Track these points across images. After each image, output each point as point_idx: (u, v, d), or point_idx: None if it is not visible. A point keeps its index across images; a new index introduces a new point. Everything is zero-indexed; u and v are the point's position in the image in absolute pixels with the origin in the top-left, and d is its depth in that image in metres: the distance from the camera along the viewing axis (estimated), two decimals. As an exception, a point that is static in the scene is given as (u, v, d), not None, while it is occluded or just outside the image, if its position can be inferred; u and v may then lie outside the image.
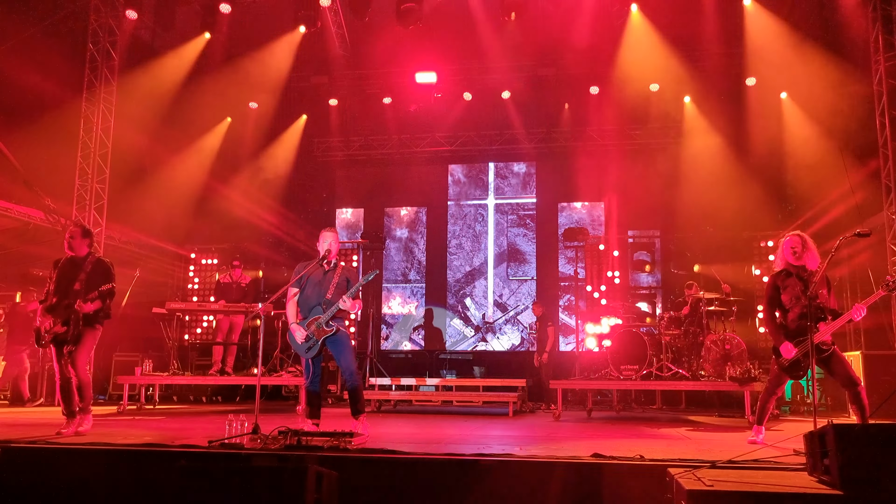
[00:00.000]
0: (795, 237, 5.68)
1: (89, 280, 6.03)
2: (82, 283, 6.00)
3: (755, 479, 3.55)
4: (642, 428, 7.71)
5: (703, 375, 8.97)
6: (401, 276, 15.09)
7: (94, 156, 11.21)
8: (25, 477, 4.60)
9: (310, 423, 5.95)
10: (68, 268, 6.13)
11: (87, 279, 6.03)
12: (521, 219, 14.80)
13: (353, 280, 6.14)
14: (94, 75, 11.26)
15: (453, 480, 4.33)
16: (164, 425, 7.35)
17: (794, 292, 5.55)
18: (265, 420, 5.29)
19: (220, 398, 11.72)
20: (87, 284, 6.00)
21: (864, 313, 5.31)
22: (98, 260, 6.24)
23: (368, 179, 14.94)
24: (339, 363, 6.12)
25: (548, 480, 4.21)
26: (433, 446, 5.27)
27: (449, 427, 7.64)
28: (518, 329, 14.35)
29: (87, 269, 6.09)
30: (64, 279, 6.06)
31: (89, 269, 6.10)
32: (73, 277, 6.03)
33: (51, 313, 6.02)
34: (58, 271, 6.14)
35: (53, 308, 6.02)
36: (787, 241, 5.69)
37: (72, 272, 6.08)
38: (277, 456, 4.52)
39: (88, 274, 6.06)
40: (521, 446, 5.35)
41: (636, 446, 5.24)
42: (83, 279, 6.02)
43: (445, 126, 14.12)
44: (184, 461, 4.17)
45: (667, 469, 3.89)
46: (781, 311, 5.65)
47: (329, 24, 11.83)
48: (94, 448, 4.85)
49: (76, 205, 11.07)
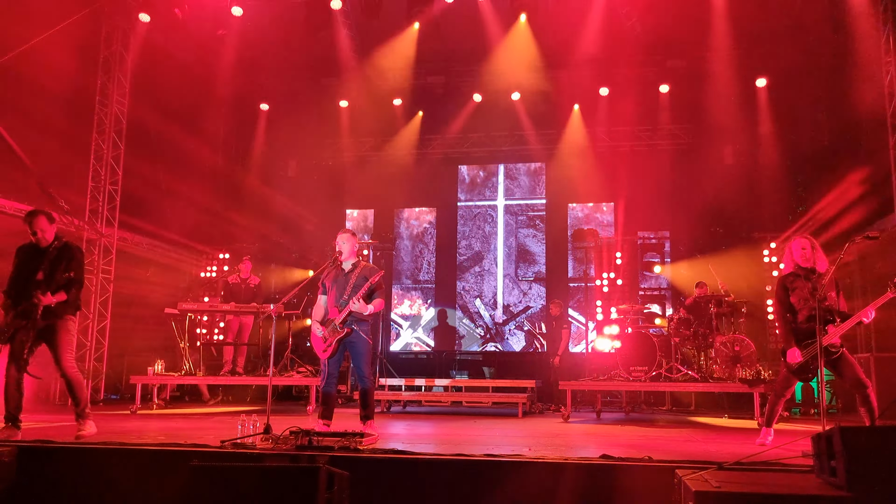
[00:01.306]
0: (804, 239, 5.70)
1: (52, 269, 5.56)
2: (45, 273, 5.53)
3: (762, 481, 3.57)
4: (651, 429, 7.73)
5: (713, 377, 8.97)
6: (411, 276, 15.14)
7: (107, 158, 11.32)
8: (40, 476, 4.67)
9: (321, 423, 6.01)
10: (30, 256, 5.65)
11: (50, 268, 5.56)
12: (530, 220, 14.82)
13: (372, 277, 6.16)
14: (108, 78, 11.38)
15: (463, 481, 4.37)
16: (177, 425, 7.42)
17: (803, 294, 5.57)
18: (276, 420, 5.34)
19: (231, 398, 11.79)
20: (49, 274, 5.54)
21: (874, 315, 5.32)
22: (64, 246, 5.72)
23: (378, 180, 14.99)
24: (354, 366, 6.19)
25: (557, 481, 4.24)
26: (443, 447, 5.31)
27: (459, 428, 7.68)
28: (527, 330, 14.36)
29: (51, 258, 5.60)
30: (25, 269, 5.60)
31: (52, 256, 5.61)
32: (35, 267, 5.55)
33: (14, 305, 5.53)
34: (17, 260, 5.68)
35: (17, 300, 5.52)
36: (796, 243, 5.71)
37: (34, 261, 5.60)
38: (289, 456, 4.57)
39: (52, 262, 5.59)
40: (530, 447, 5.39)
41: (645, 447, 5.27)
42: (46, 268, 5.55)
43: (455, 127, 14.16)
44: (196, 460, 4.22)
45: (674, 470, 3.91)
46: (791, 312, 5.66)
47: (340, 25, 11.89)
48: (108, 447, 4.91)
49: (90, 206, 11.18)
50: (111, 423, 7.22)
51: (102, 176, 11.27)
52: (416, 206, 15.35)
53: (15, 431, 5.37)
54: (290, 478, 3.93)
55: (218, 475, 4.06)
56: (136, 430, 6.54)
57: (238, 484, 3.99)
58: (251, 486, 3.96)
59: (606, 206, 14.39)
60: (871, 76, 9.77)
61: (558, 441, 6.33)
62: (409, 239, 15.29)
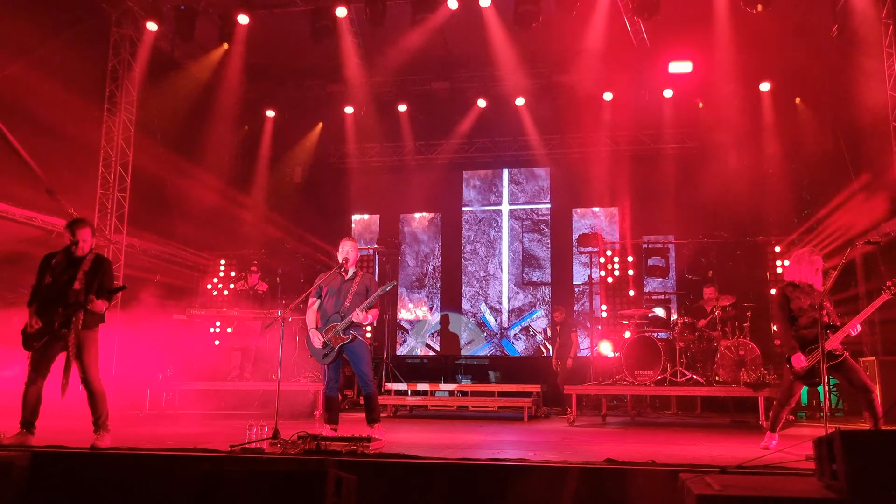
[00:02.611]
0: (820, 259, 5.76)
1: (89, 279, 5.57)
2: (82, 283, 5.53)
3: (765, 484, 3.61)
4: (656, 433, 7.77)
5: (718, 381, 9.00)
6: (416, 281, 15.20)
7: (116, 165, 11.43)
8: (53, 482, 4.74)
9: (328, 428, 6.07)
10: (64, 265, 5.64)
11: (86, 278, 5.56)
12: (535, 224, 14.87)
13: (373, 288, 6.25)
14: (116, 85, 11.50)
15: (469, 485, 4.42)
16: (185, 430, 7.49)
17: (802, 304, 5.64)
18: (283, 425, 5.40)
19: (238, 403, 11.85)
20: (87, 284, 5.54)
21: (860, 329, 5.45)
22: (97, 256, 5.75)
23: (384, 186, 15.07)
24: (356, 371, 6.23)
25: (561, 485, 4.29)
26: (449, 451, 5.37)
27: (464, 432, 7.73)
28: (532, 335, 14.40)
29: (86, 268, 5.60)
30: (61, 277, 5.57)
31: (88, 266, 5.61)
32: (73, 276, 5.54)
33: (46, 313, 5.50)
34: (52, 268, 5.64)
35: (48, 308, 5.51)
36: (813, 261, 5.74)
37: (70, 270, 5.59)
38: (297, 460, 4.63)
39: (87, 272, 5.59)
40: (535, 451, 5.44)
41: (649, 451, 5.31)
42: (82, 278, 5.55)
43: (460, 133, 14.23)
44: (207, 465, 4.28)
45: (678, 474, 3.96)
46: (791, 320, 5.71)
47: (345, 32, 11.98)
48: (119, 453, 4.98)
49: (98, 213, 11.28)
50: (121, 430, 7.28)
51: (111, 183, 11.38)
52: (421, 212, 15.41)
53: (29, 437, 5.42)
54: (298, 482, 3.98)
55: (228, 480, 4.13)
56: (146, 435, 6.61)
57: (248, 488, 4.05)
58: (261, 490, 4.01)
59: (611, 211, 14.42)
60: (875, 79, 9.79)
61: (563, 445, 6.38)
62: (415, 244, 15.35)
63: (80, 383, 5.57)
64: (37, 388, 5.52)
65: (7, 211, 9.80)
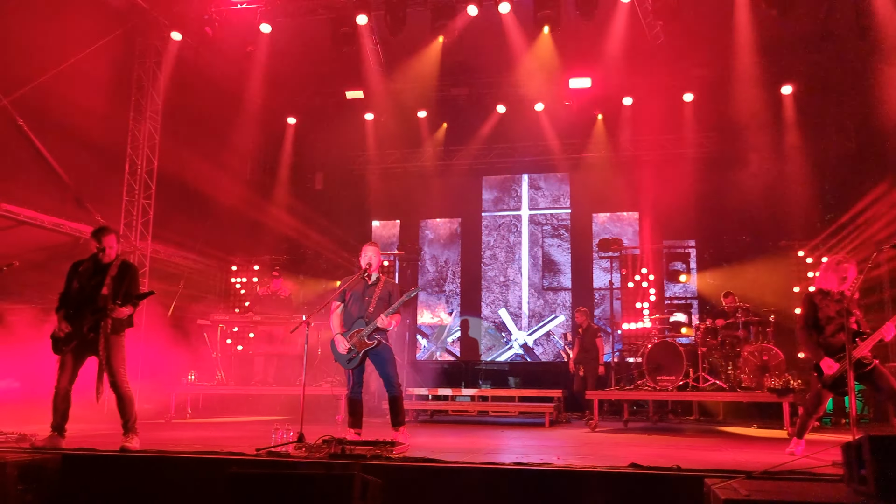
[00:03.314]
0: (851, 267, 5.62)
1: (116, 285, 5.69)
2: (110, 288, 5.66)
3: (792, 490, 3.59)
4: (679, 438, 7.74)
5: (741, 386, 8.94)
6: (436, 286, 15.24)
7: (141, 172, 11.60)
8: (83, 484, 4.82)
9: (351, 432, 6.11)
10: (92, 271, 5.76)
11: (113, 283, 5.69)
12: (555, 229, 14.86)
13: (395, 293, 6.29)
14: (141, 95, 11.69)
15: (493, 489, 4.44)
16: (211, 434, 7.58)
17: (830, 312, 5.57)
18: (307, 429, 5.45)
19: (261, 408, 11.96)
20: (114, 290, 5.66)
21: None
22: (123, 262, 5.89)
23: (404, 192, 15.13)
24: (381, 375, 6.26)
25: (586, 490, 4.29)
26: (472, 455, 5.39)
27: (486, 437, 7.75)
28: (553, 340, 14.39)
29: (113, 273, 5.72)
30: (89, 283, 5.70)
31: (115, 272, 5.74)
32: (100, 281, 5.67)
33: (74, 318, 5.64)
34: (80, 274, 5.77)
35: (77, 313, 5.64)
36: (840, 268, 5.61)
37: (97, 276, 5.72)
38: (323, 464, 4.67)
39: (114, 278, 5.71)
40: (558, 456, 5.45)
41: (673, 457, 5.30)
42: (109, 283, 5.68)
43: (479, 138, 14.28)
44: (235, 468, 4.34)
45: (703, 479, 3.95)
46: (817, 329, 5.64)
47: (365, 40, 12.08)
48: (148, 455, 5.06)
49: (124, 220, 11.45)
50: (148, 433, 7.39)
51: (136, 190, 11.55)
52: (441, 217, 15.46)
53: (60, 440, 5.52)
54: (325, 485, 4.02)
55: (255, 483, 4.18)
56: (172, 439, 6.70)
57: (274, 491, 4.10)
58: (287, 493, 4.06)
59: (632, 216, 14.38)
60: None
61: (586, 450, 6.38)
62: (434, 249, 15.39)
63: (109, 387, 5.68)
64: (66, 392, 5.64)
65: (35, 218, 9.98)
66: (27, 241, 10.24)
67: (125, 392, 5.71)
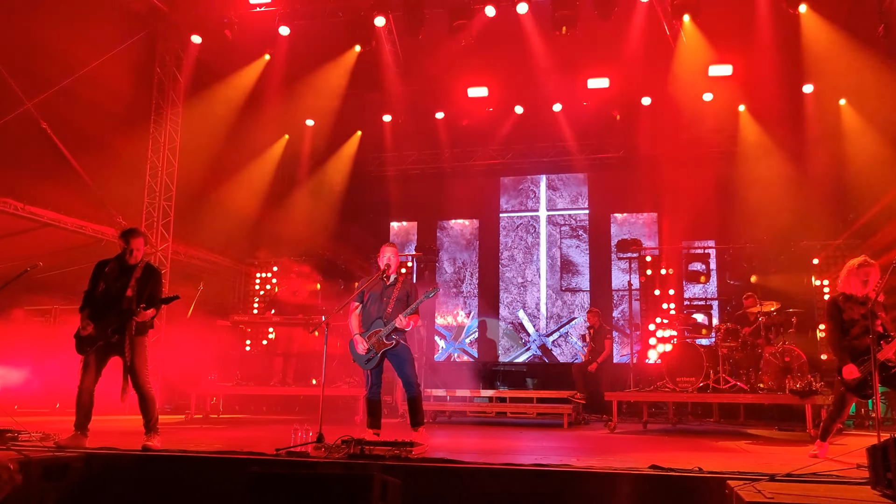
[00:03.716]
0: (873, 269, 5.56)
1: (140, 287, 5.74)
2: (134, 290, 5.70)
3: (816, 493, 3.55)
4: (699, 440, 7.67)
5: (762, 388, 8.84)
6: (454, 288, 15.24)
7: (162, 174, 11.71)
8: (106, 483, 4.87)
9: (370, 432, 6.12)
10: (118, 272, 5.81)
11: (137, 285, 5.73)
12: (573, 230, 14.81)
13: (413, 293, 6.29)
14: (162, 98, 11.82)
15: (512, 490, 4.42)
16: (231, 434, 7.63)
17: (854, 315, 5.51)
18: (326, 429, 5.46)
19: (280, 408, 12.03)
20: (139, 292, 5.72)
21: None
22: (148, 266, 5.95)
23: (421, 193, 15.14)
24: (400, 375, 6.27)
25: (606, 492, 4.27)
26: (491, 456, 5.37)
27: (505, 438, 7.73)
28: (571, 342, 14.33)
29: (138, 276, 5.77)
30: (114, 285, 5.75)
31: (140, 274, 5.79)
32: (125, 283, 5.72)
33: (99, 319, 5.70)
34: (105, 275, 5.81)
35: (101, 314, 5.70)
36: (861, 271, 5.56)
37: (122, 277, 5.77)
38: (342, 464, 4.68)
39: (139, 280, 5.75)
40: (577, 457, 5.42)
41: (694, 459, 5.24)
42: (134, 285, 5.72)
43: (497, 139, 14.26)
44: (255, 467, 4.36)
45: (726, 482, 3.91)
46: (843, 332, 5.59)
47: (383, 41, 12.10)
48: (169, 455, 5.09)
49: (145, 221, 11.56)
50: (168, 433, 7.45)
51: (156, 192, 11.66)
52: (459, 218, 15.45)
53: (84, 439, 5.59)
54: (345, 486, 4.03)
55: (275, 482, 4.19)
56: (193, 438, 6.74)
57: (294, 491, 4.12)
58: (307, 493, 4.08)
59: (650, 216, 14.29)
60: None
61: (605, 452, 6.34)
62: (452, 250, 15.39)
63: (132, 387, 5.74)
64: (89, 392, 5.71)
65: (58, 220, 10.11)
66: (50, 243, 10.39)
67: (147, 392, 5.77)
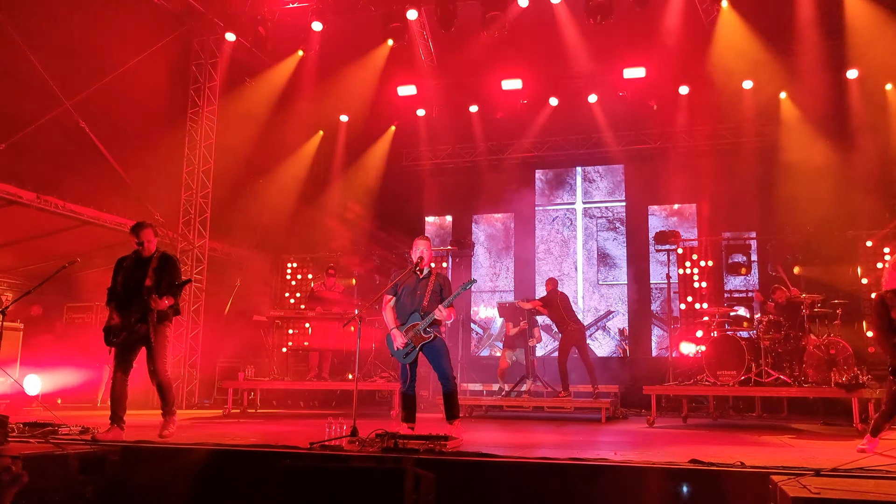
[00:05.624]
0: None
1: (158, 276, 5.95)
2: (152, 280, 5.92)
3: (864, 488, 3.43)
4: (741, 435, 7.50)
5: (806, 381, 8.61)
6: (489, 281, 15.16)
7: (198, 171, 11.86)
8: (142, 475, 4.93)
9: (405, 426, 6.10)
10: (135, 264, 6.05)
11: (154, 275, 5.95)
12: (610, 223, 14.61)
13: (447, 286, 6.25)
14: (197, 95, 11.96)
15: (548, 484, 4.36)
16: (267, 428, 7.69)
17: None
18: (361, 424, 5.46)
19: (317, 403, 12.11)
20: (157, 281, 5.93)
21: None
22: (163, 255, 6.16)
23: (456, 187, 15.09)
24: (436, 368, 6.23)
25: (645, 486, 4.18)
26: (527, 450, 5.31)
27: (542, 432, 7.66)
28: (609, 335, 14.16)
29: (154, 265, 5.99)
30: (131, 278, 5.98)
31: (156, 264, 6.01)
32: (143, 274, 5.94)
33: (122, 311, 5.93)
34: (124, 269, 6.06)
35: (125, 306, 5.92)
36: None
37: (140, 269, 5.99)
38: (375, 458, 4.66)
39: (156, 269, 5.98)
40: (616, 451, 5.33)
41: (735, 453, 5.12)
42: (152, 275, 5.94)
43: (532, 132, 14.13)
44: (289, 461, 4.37)
45: (769, 476, 3.80)
46: (892, 329, 5.42)
47: (416, 36, 12.06)
48: (205, 448, 5.14)
49: (182, 218, 11.72)
50: (205, 427, 7.54)
51: (193, 188, 11.80)
52: (494, 212, 15.36)
53: (120, 432, 5.69)
54: (378, 479, 4.02)
55: (309, 475, 4.20)
56: (229, 432, 6.81)
57: (328, 484, 4.12)
58: (340, 486, 4.08)
59: (689, 207, 14.03)
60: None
61: (644, 446, 6.23)
62: (487, 244, 15.31)
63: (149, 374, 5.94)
64: (123, 383, 5.93)
65: (98, 217, 10.30)
66: (89, 240, 10.59)
67: (164, 379, 6.01)
